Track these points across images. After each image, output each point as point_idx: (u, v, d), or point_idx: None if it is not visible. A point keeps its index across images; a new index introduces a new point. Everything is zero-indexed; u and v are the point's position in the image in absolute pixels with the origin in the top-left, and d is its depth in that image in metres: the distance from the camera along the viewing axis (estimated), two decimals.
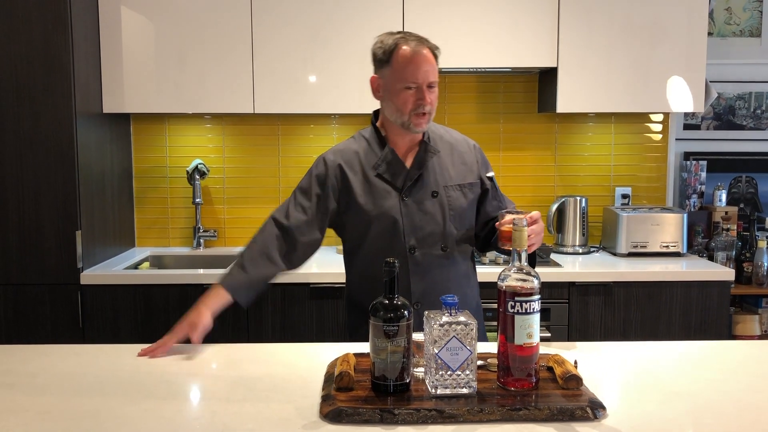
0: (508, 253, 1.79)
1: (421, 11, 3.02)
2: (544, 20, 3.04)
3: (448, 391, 1.44)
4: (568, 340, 2.84)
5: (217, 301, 1.91)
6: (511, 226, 1.74)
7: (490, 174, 2.09)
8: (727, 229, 3.36)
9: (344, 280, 2.16)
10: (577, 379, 1.47)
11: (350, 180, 1.97)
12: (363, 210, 1.95)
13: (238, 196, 3.48)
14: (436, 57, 1.94)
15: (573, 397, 1.42)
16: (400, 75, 1.89)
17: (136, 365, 1.72)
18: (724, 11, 3.58)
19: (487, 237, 2.09)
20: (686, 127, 3.61)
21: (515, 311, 1.46)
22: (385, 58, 1.92)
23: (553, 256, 3.16)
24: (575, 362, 1.58)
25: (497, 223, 1.83)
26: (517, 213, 1.80)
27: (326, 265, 3.01)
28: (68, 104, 2.77)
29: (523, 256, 1.50)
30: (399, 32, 1.96)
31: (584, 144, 3.51)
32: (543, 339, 1.57)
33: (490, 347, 1.76)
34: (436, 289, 1.94)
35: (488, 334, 2.28)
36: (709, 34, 3.53)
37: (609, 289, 2.89)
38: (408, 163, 1.98)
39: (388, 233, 1.94)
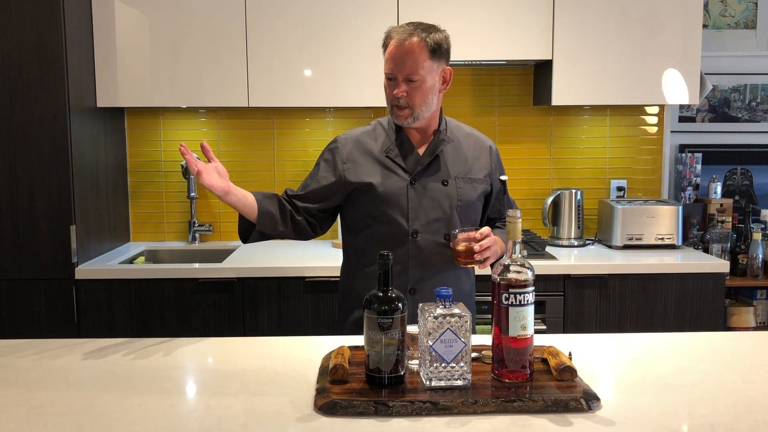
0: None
1: (416, 4, 3.01)
2: (539, 13, 3.03)
3: (442, 383, 1.44)
4: (563, 333, 2.85)
5: (247, 197, 1.94)
6: (465, 245, 1.80)
7: (503, 178, 2.11)
8: (722, 221, 3.36)
9: (339, 274, 2.16)
10: (571, 371, 1.47)
11: (359, 159, 1.98)
12: (371, 187, 1.95)
13: None
14: (433, 51, 1.89)
15: (567, 389, 1.42)
16: (385, 64, 1.93)
17: (131, 360, 1.71)
18: (719, 3, 3.57)
19: None
20: (681, 119, 3.61)
21: (509, 303, 1.45)
22: (383, 48, 1.97)
23: (549, 249, 3.16)
24: (570, 354, 1.58)
25: (451, 243, 1.87)
26: (468, 230, 1.85)
27: (322, 259, 3.01)
28: (62, 98, 2.76)
29: (517, 247, 1.50)
30: (407, 23, 1.96)
31: (579, 137, 3.50)
32: (538, 331, 1.57)
33: (485, 339, 1.76)
34: (434, 278, 1.95)
35: (478, 327, 2.29)
36: (704, 26, 3.53)
37: (604, 281, 2.89)
38: (421, 152, 2.00)
39: (393, 215, 1.94)
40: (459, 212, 1.99)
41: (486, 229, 1.85)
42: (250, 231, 1.97)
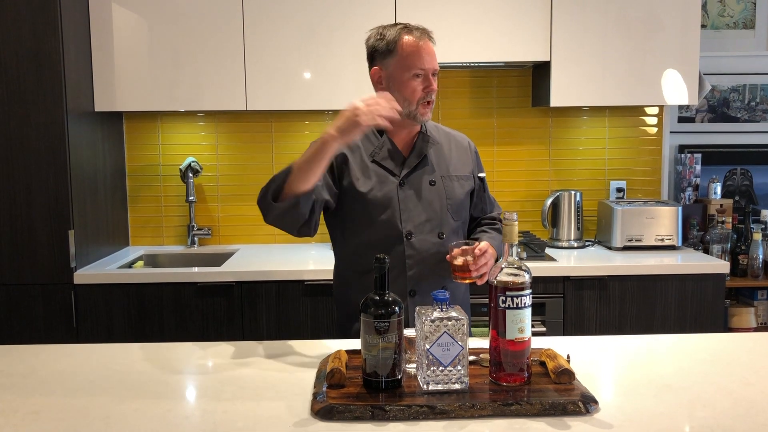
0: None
1: (414, 6, 3.01)
2: (537, 14, 3.03)
3: (439, 387, 1.43)
4: (563, 335, 2.84)
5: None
6: (462, 260, 1.79)
7: (481, 175, 2.11)
8: (722, 222, 3.35)
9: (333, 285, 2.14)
10: (569, 374, 1.46)
11: (350, 162, 1.96)
12: (360, 194, 1.94)
13: (232, 193, 3.47)
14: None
15: (565, 392, 1.42)
16: (408, 63, 1.89)
17: (128, 364, 1.71)
18: (718, 3, 3.57)
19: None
20: (681, 119, 3.61)
21: (507, 306, 1.45)
22: (388, 48, 1.92)
23: (548, 251, 3.15)
24: (568, 356, 1.58)
25: (448, 257, 1.85)
26: (464, 244, 1.82)
27: (321, 262, 3.00)
28: (59, 103, 2.76)
29: (514, 250, 1.50)
30: (397, 23, 1.96)
31: (578, 138, 3.50)
32: (538, 333, 1.57)
33: (482, 342, 1.75)
34: (432, 278, 1.94)
35: (473, 329, 2.28)
36: (703, 26, 3.52)
37: (604, 283, 2.88)
38: (406, 153, 1.99)
39: (385, 218, 1.93)
40: (450, 210, 1.99)
41: (484, 245, 1.82)
42: (277, 195, 1.79)
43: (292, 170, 1.77)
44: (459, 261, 1.80)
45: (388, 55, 1.92)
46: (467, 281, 1.83)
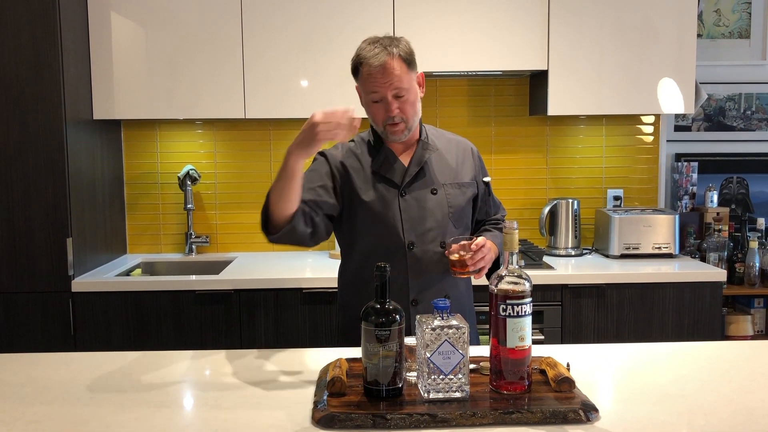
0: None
1: (412, 16, 3.02)
2: (535, 23, 3.05)
3: (440, 396, 1.43)
4: (561, 343, 2.85)
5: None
6: (459, 255, 1.80)
7: (486, 179, 2.11)
8: (719, 230, 3.37)
9: (337, 285, 2.15)
10: (569, 382, 1.47)
11: (351, 174, 1.97)
12: (363, 204, 1.94)
13: (230, 201, 3.47)
14: (407, 62, 1.88)
15: (565, 400, 1.42)
16: (366, 89, 1.91)
17: (127, 373, 1.71)
18: (713, 13, 3.60)
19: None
20: (677, 128, 3.63)
21: (507, 314, 1.45)
22: (354, 72, 1.95)
23: (546, 259, 3.16)
24: (568, 365, 1.58)
25: (446, 252, 1.87)
26: (462, 239, 1.84)
27: (319, 270, 3.01)
28: (58, 111, 2.76)
29: (514, 258, 1.50)
30: (368, 41, 1.93)
31: (576, 146, 3.51)
32: (536, 342, 1.57)
33: (483, 351, 1.76)
34: (434, 287, 1.95)
35: (481, 337, 2.28)
36: (699, 35, 3.54)
37: (602, 291, 2.89)
38: (406, 162, 1.99)
39: (387, 229, 1.94)
40: (452, 219, 1.99)
41: (481, 240, 1.83)
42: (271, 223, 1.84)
43: (270, 197, 1.80)
44: (455, 257, 1.82)
45: (357, 78, 1.95)
46: (464, 276, 1.85)
